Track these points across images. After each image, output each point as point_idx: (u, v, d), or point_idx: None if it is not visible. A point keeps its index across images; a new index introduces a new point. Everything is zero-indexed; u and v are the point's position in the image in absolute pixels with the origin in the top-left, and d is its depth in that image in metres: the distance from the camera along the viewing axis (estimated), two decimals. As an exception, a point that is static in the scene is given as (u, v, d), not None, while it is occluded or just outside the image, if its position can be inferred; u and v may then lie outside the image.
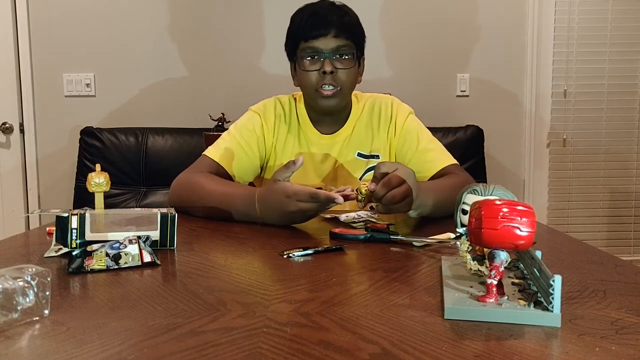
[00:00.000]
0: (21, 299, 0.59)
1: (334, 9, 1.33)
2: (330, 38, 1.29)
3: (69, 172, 2.85)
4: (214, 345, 0.53)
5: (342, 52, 1.31)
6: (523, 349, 0.52)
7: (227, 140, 1.38)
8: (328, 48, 1.29)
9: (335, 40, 1.29)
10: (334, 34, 1.29)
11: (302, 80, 1.35)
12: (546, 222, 2.96)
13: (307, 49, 1.31)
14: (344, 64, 1.31)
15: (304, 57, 1.32)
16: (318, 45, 1.29)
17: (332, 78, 1.30)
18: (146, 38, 2.88)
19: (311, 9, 1.33)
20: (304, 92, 1.38)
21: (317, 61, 1.31)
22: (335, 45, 1.29)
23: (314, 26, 1.29)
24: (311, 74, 1.31)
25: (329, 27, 1.29)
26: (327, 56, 1.29)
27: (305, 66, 1.32)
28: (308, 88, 1.35)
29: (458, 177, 1.31)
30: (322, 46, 1.29)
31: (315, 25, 1.29)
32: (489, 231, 0.58)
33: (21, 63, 2.85)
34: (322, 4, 1.34)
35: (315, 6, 1.34)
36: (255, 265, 0.86)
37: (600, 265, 0.83)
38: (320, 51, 1.30)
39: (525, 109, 3.00)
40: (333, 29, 1.29)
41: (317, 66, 1.30)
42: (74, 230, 0.87)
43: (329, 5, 1.34)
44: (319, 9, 1.33)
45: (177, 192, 1.28)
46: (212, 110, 2.74)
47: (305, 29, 1.30)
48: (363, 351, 0.52)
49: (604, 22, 2.96)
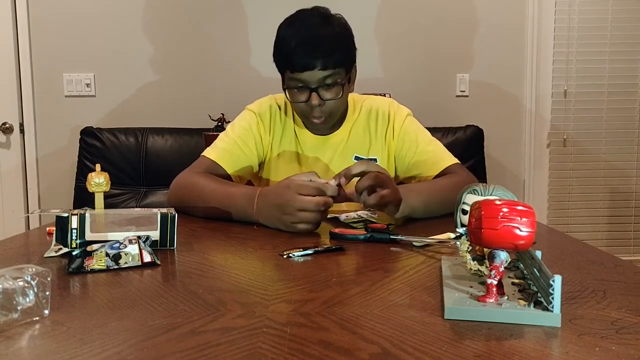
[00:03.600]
0: (21, 299, 0.59)
1: (320, 35, 1.24)
2: (316, 71, 1.24)
3: (69, 172, 2.85)
4: (214, 345, 0.53)
5: (330, 82, 1.26)
6: (523, 349, 0.52)
7: (225, 140, 1.38)
8: (314, 80, 1.24)
9: (322, 72, 1.24)
10: (320, 66, 1.23)
11: (291, 105, 1.35)
12: (546, 222, 2.96)
13: (293, 79, 1.26)
14: (332, 92, 1.27)
15: (291, 87, 1.28)
16: (304, 78, 1.25)
17: (320, 109, 1.29)
18: (146, 38, 2.88)
19: (297, 36, 1.24)
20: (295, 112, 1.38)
21: (305, 91, 1.27)
22: (322, 77, 1.24)
23: (300, 59, 1.23)
24: (299, 104, 1.30)
25: (315, 60, 1.23)
26: (314, 89, 1.25)
27: (293, 96, 1.29)
28: (297, 113, 1.36)
29: (459, 176, 1.31)
30: (309, 79, 1.25)
31: (301, 58, 1.23)
32: (489, 231, 0.58)
33: (21, 63, 2.85)
34: (309, 28, 1.25)
35: (301, 33, 1.25)
36: (255, 265, 0.86)
37: (600, 265, 0.83)
38: (307, 83, 1.25)
39: (525, 109, 3.00)
40: (319, 62, 1.23)
41: (304, 97, 1.27)
42: (74, 230, 0.87)
43: (315, 28, 1.25)
44: (305, 38, 1.24)
45: (177, 192, 1.28)
46: (212, 110, 2.74)
47: (290, 60, 1.25)
48: (363, 351, 0.52)
49: (604, 22, 2.96)
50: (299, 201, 1.02)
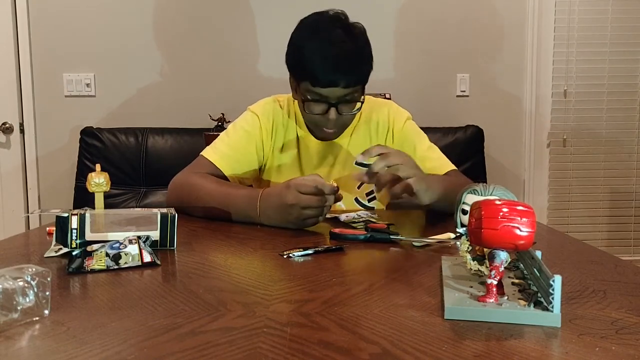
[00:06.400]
0: (21, 299, 0.59)
1: (347, 53, 1.21)
2: (339, 88, 1.22)
3: (69, 172, 2.85)
4: (214, 345, 0.53)
5: (349, 98, 1.25)
6: (523, 349, 0.52)
7: (226, 142, 1.36)
8: (335, 96, 1.23)
9: (345, 89, 1.22)
10: (344, 84, 1.22)
11: (303, 113, 1.32)
12: (546, 222, 2.96)
13: (312, 92, 1.24)
14: (350, 107, 1.27)
15: (308, 98, 1.26)
16: (325, 94, 1.23)
17: (334, 122, 1.28)
18: (146, 38, 2.88)
19: (322, 51, 1.21)
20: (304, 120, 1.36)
21: (322, 105, 1.25)
22: (344, 94, 1.23)
23: (324, 76, 1.21)
24: (314, 115, 1.28)
25: (340, 79, 1.21)
26: (333, 104, 1.24)
27: (309, 108, 1.27)
28: (307, 121, 1.35)
29: (462, 178, 1.33)
30: (330, 95, 1.23)
31: (325, 75, 1.21)
32: (489, 231, 0.58)
33: (21, 63, 2.84)
34: (335, 44, 1.21)
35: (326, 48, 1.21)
36: (255, 265, 0.86)
37: (600, 265, 0.83)
38: (327, 98, 1.24)
39: (525, 109, 3.00)
40: (344, 81, 1.21)
41: (321, 109, 1.26)
42: (74, 230, 0.87)
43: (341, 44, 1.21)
44: (331, 55, 1.20)
45: (176, 193, 1.27)
46: (212, 110, 2.74)
47: (314, 75, 1.22)
48: (363, 351, 0.52)
49: (604, 22, 2.95)
50: (302, 200, 1.04)
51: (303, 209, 1.04)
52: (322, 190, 1.04)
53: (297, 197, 1.04)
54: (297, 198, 1.04)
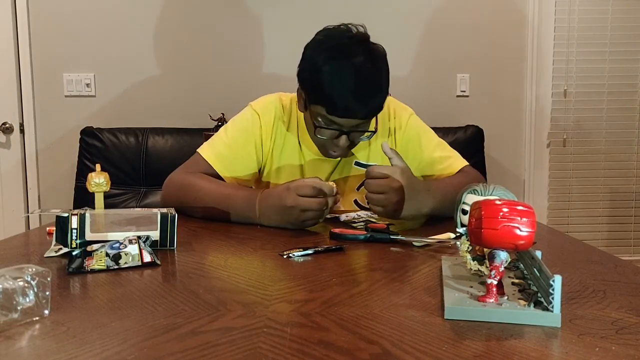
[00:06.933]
0: (21, 299, 0.59)
1: (369, 84, 1.18)
2: (356, 120, 1.20)
3: (69, 172, 2.85)
4: (214, 345, 0.53)
5: (363, 128, 1.24)
6: (523, 349, 0.52)
7: (224, 140, 1.31)
8: (350, 125, 1.21)
9: (361, 120, 1.21)
10: (361, 116, 1.20)
11: (311, 134, 1.28)
12: (546, 222, 2.96)
13: (326, 118, 1.20)
14: (361, 134, 1.25)
15: (320, 122, 1.22)
16: (341, 123, 1.20)
17: (343, 149, 1.25)
18: (146, 38, 2.88)
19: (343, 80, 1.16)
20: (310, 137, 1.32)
21: (335, 131, 1.22)
22: (357, 124, 1.21)
23: (343, 105, 1.17)
24: (324, 139, 1.24)
25: (359, 111, 1.18)
26: (347, 132, 1.21)
27: (321, 132, 1.23)
28: (314, 141, 1.30)
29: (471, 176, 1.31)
30: (345, 124, 1.20)
31: (345, 105, 1.17)
32: (489, 231, 0.58)
33: (21, 63, 2.84)
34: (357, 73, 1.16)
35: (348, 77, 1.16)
36: (255, 265, 0.86)
37: (600, 265, 0.83)
38: (341, 126, 1.21)
39: (525, 109, 3.00)
40: (362, 113, 1.19)
41: (333, 135, 1.22)
42: (74, 230, 0.87)
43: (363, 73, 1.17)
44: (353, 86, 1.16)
45: (172, 191, 1.25)
46: (212, 110, 2.73)
47: (332, 104, 1.17)
48: (363, 351, 0.52)
49: (604, 22, 2.95)
50: (302, 203, 1.03)
51: (302, 211, 1.04)
52: (322, 192, 1.04)
53: (296, 200, 1.04)
54: (296, 200, 1.04)
